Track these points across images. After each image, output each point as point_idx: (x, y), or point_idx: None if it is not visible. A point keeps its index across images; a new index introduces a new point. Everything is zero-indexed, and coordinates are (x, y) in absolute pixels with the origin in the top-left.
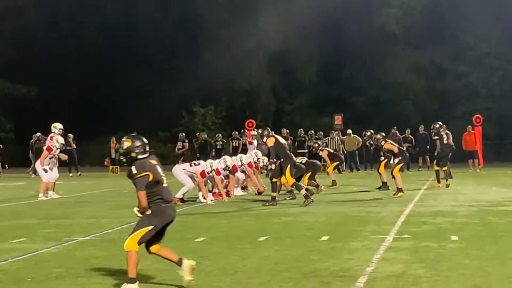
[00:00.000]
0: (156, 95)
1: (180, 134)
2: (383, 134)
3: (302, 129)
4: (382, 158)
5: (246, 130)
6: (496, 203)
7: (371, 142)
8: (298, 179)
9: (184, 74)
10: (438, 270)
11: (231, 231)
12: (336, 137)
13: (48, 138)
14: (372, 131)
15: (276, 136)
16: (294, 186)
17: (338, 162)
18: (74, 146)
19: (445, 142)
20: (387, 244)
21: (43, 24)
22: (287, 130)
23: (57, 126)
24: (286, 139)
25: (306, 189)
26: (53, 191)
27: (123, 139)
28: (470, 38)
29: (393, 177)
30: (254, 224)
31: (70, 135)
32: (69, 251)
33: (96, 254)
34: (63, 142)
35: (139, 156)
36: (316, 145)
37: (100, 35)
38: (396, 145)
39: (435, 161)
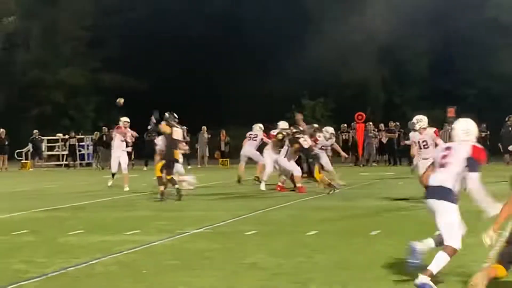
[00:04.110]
0: (263, 88)
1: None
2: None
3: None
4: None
5: (355, 123)
6: None
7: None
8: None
9: (291, 68)
10: None
11: (342, 225)
12: (449, 129)
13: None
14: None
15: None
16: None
17: None
18: (188, 138)
19: None
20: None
21: (150, 17)
22: (397, 123)
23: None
24: (394, 132)
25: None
26: None
27: None
28: None
29: None
30: (364, 218)
31: (184, 127)
32: (182, 243)
33: (209, 246)
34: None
35: None
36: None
37: (206, 28)
38: None
39: None
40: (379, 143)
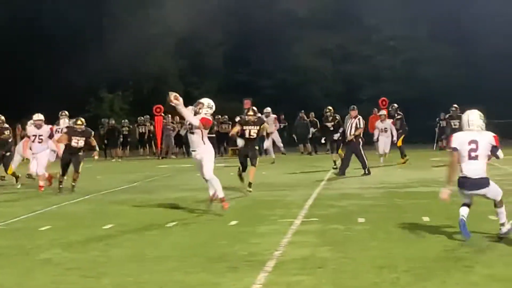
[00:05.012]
0: (62, 81)
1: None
2: None
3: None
4: None
5: (154, 115)
6: (402, 185)
7: None
8: None
9: (90, 59)
10: (345, 252)
11: (139, 217)
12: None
13: None
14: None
15: None
16: None
17: None
18: None
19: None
20: (295, 228)
21: None
22: None
23: None
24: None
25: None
26: None
27: None
28: (374, 21)
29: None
30: (162, 210)
31: None
32: None
33: (1, 243)
34: None
35: None
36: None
37: (7, 19)
38: None
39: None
40: (177, 136)
